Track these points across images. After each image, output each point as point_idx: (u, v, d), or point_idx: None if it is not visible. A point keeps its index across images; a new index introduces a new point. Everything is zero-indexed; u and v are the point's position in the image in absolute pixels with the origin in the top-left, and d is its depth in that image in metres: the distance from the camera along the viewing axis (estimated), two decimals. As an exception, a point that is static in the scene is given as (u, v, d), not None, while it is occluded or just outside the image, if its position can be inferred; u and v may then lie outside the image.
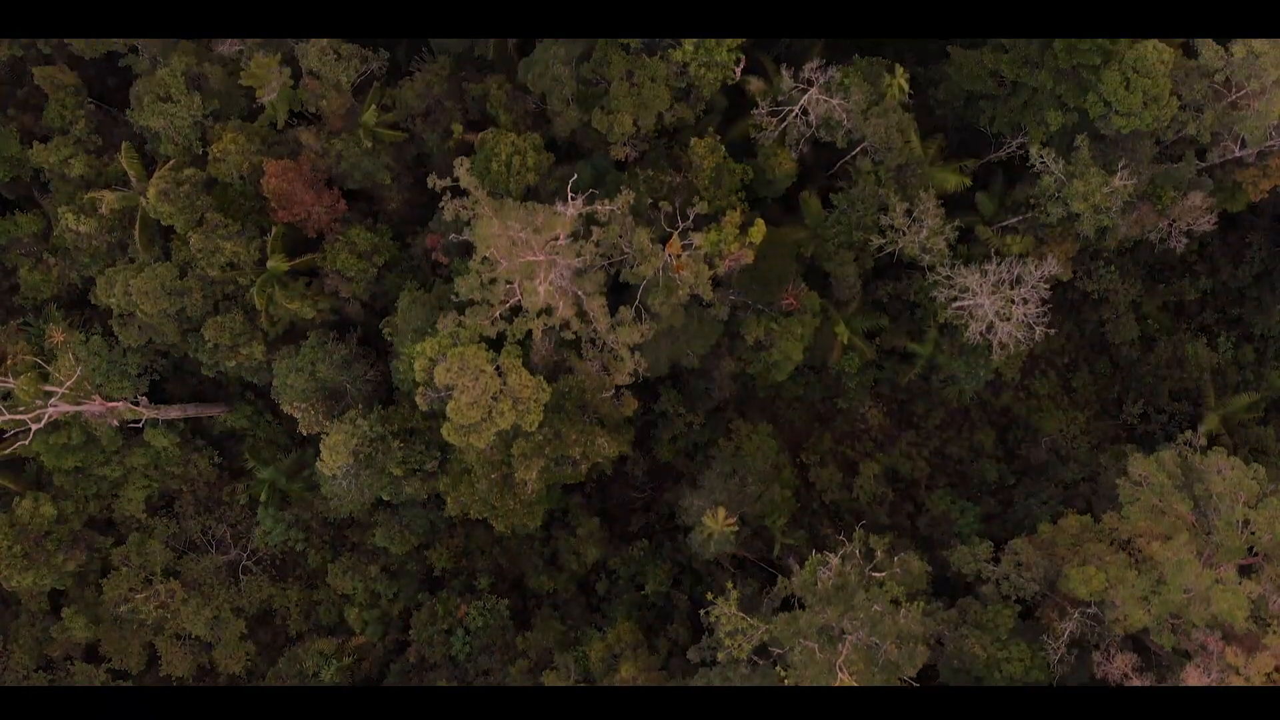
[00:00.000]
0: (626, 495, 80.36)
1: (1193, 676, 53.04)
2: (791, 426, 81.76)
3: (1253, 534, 53.71)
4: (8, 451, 65.14)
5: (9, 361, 64.68)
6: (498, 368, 54.86)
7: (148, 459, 76.60)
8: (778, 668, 57.65)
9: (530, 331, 59.22)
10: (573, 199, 54.84)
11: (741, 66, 64.74)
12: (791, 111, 63.83)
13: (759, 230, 63.90)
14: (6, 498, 75.33)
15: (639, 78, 63.57)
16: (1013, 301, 64.84)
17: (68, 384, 61.43)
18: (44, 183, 73.76)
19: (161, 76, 66.40)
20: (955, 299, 66.04)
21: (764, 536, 76.08)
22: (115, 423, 67.15)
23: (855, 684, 53.59)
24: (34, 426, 60.32)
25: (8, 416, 59.61)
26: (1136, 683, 55.91)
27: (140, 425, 70.20)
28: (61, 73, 71.12)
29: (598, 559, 76.83)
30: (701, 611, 61.93)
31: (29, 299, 75.30)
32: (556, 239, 53.02)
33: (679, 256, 56.88)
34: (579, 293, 58.45)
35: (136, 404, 67.82)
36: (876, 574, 58.35)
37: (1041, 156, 63.31)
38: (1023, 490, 77.21)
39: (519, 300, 57.21)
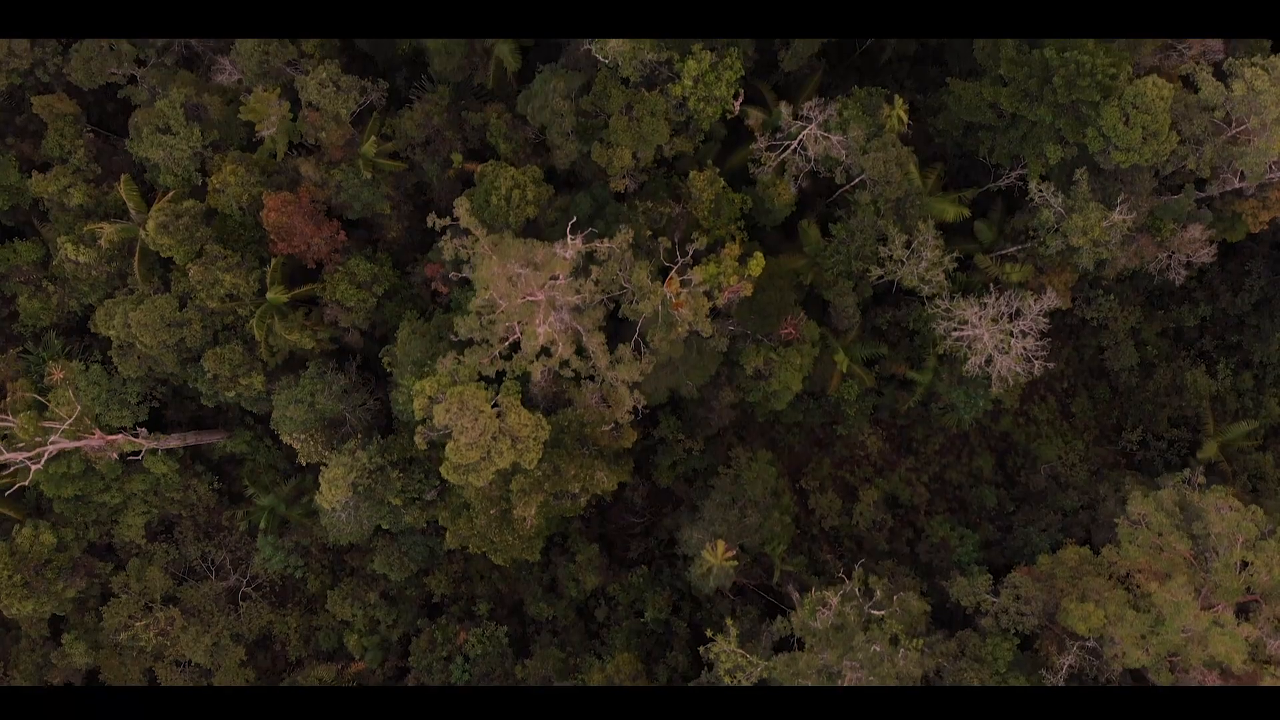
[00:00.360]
0: (626, 520, 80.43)
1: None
2: (791, 451, 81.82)
3: (1251, 575, 53.76)
4: (8, 493, 65.21)
5: (8, 399, 64.67)
6: (496, 406, 54.89)
7: (147, 485, 76.63)
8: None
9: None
10: (572, 238, 54.71)
11: (740, 100, 64.67)
12: (790, 147, 63.76)
13: (757, 263, 63.86)
14: (6, 525, 75.39)
15: (638, 111, 63.56)
16: (1011, 335, 64.92)
17: (68, 422, 61.38)
18: (43, 211, 73.71)
19: (160, 108, 66.35)
20: (954, 330, 66.08)
21: (763, 563, 76.16)
22: (115, 455, 67.18)
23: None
24: (33, 466, 60.26)
25: (7, 455, 59.56)
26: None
27: (140, 455, 70.22)
28: (60, 101, 70.99)
29: (597, 585, 76.84)
30: (701, 648, 61.97)
31: (28, 326, 75.32)
32: (556, 279, 52.95)
33: (678, 294, 56.84)
34: (578, 328, 58.43)
35: (136, 435, 67.85)
36: (876, 612, 58.35)
37: (1040, 190, 63.33)
38: (1022, 517, 77.24)
39: (518, 337, 57.18)
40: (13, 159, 72.41)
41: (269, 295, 67.09)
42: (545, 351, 54.88)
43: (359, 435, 69.44)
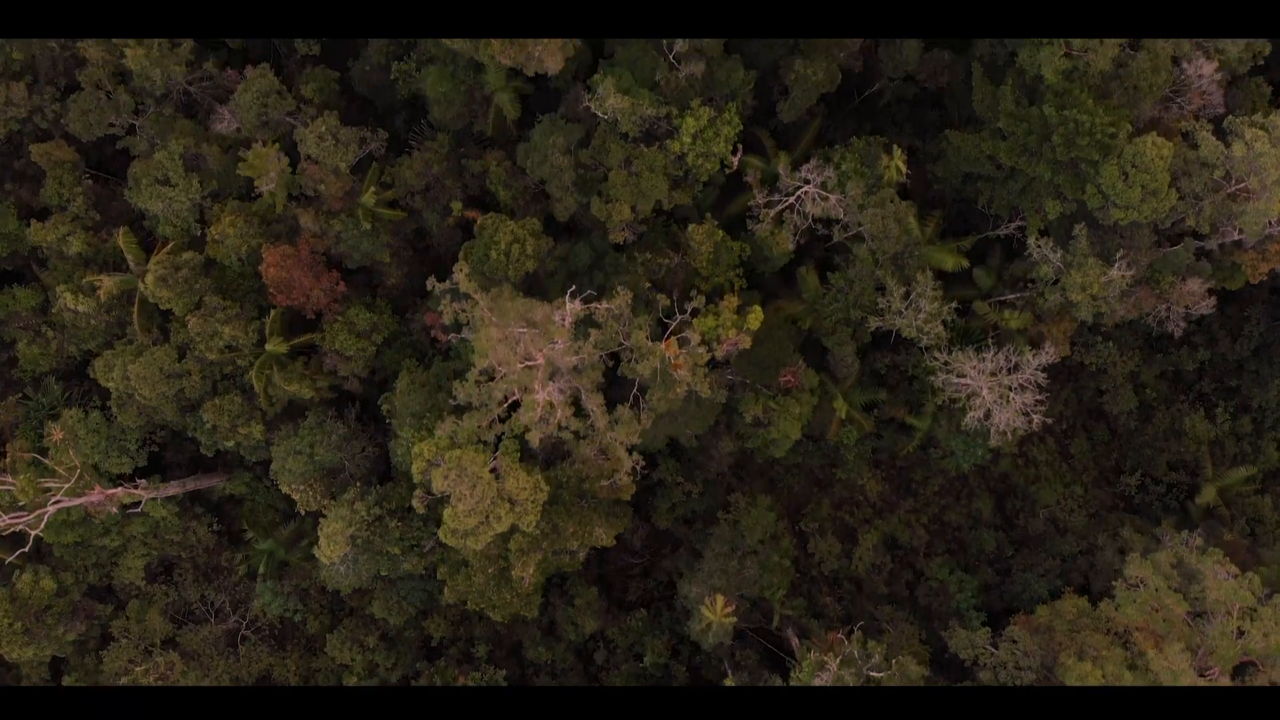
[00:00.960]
0: (625, 561, 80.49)
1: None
2: (790, 492, 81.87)
3: (1248, 641, 53.80)
4: (12, 556, 65.48)
5: (8, 458, 64.76)
6: (495, 469, 54.95)
7: (146, 528, 76.69)
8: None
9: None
10: (570, 302, 54.73)
11: (739, 155, 64.65)
12: (788, 203, 63.79)
13: (756, 317, 63.79)
14: (6, 570, 75.48)
15: (637, 167, 63.55)
16: (1010, 389, 64.85)
17: (68, 484, 61.51)
18: (42, 258, 73.71)
19: (159, 159, 66.33)
20: (952, 382, 66.07)
21: (763, 607, 76.18)
22: (115, 509, 67.31)
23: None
24: (33, 532, 60.38)
25: (8, 521, 59.67)
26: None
27: (139, 506, 70.35)
28: (59, 149, 70.90)
29: (596, 629, 76.96)
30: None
31: (27, 371, 75.34)
32: (555, 344, 52.99)
33: (677, 356, 56.89)
34: (577, 386, 58.47)
35: (135, 485, 67.96)
36: (875, 674, 58.47)
37: (1039, 246, 63.31)
38: (1021, 561, 77.32)
39: (518, 397, 57.22)
40: (11, 206, 72.40)
41: (268, 346, 67.12)
42: (544, 419, 54.90)
43: (358, 484, 69.53)
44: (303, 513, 69.56)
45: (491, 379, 54.27)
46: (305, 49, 67.52)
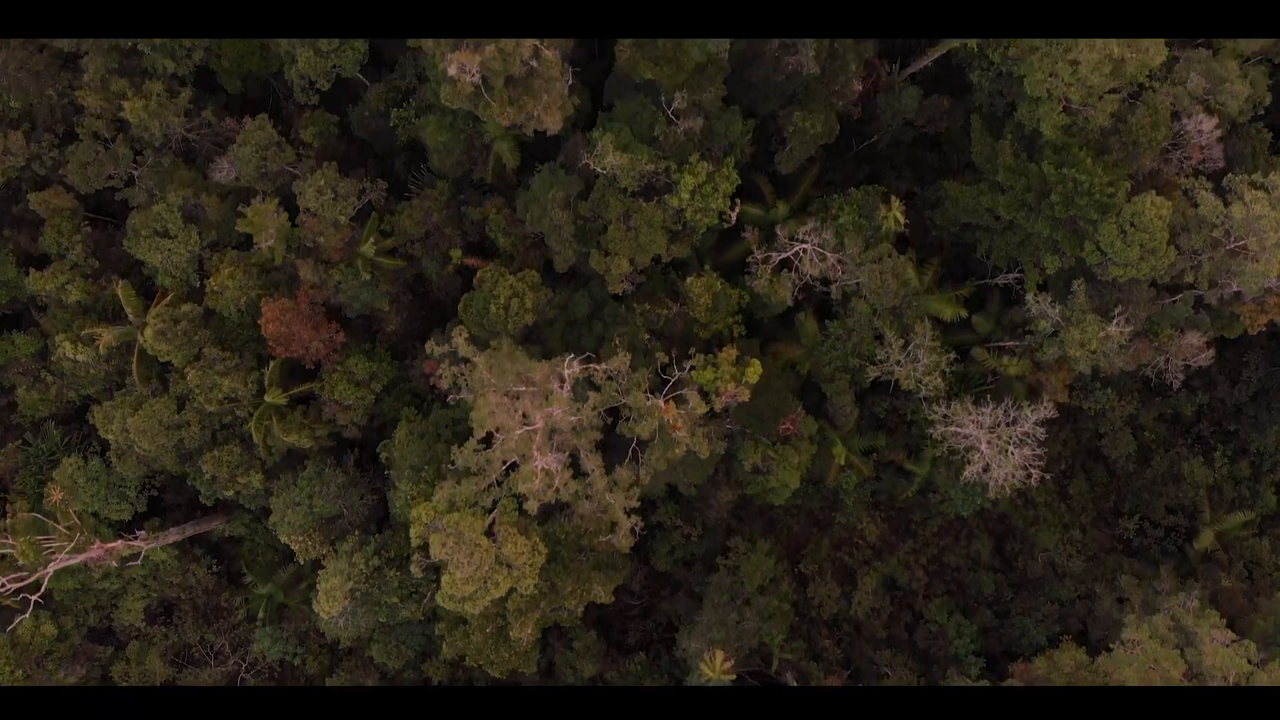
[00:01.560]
0: (624, 603, 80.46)
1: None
2: (790, 532, 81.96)
3: (1246, 707, 53.89)
4: (12, 625, 65.64)
5: (8, 519, 64.86)
6: (492, 533, 55.01)
7: (146, 570, 76.78)
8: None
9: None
10: (568, 366, 54.78)
11: (737, 210, 64.62)
12: (786, 258, 63.84)
13: (755, 370, 63.80)
14: (6, 614, 75.55)
15: (636, 221, 63.52)
16: (1009, 443, 64.81)
17: (70, 544, 61.61)
18: (42, 305, 73.71)
19: (158, 211, 66.30)
20: (951, 433, 66.10)
21: (762, 651, 76.32)
22: (115, 563, 67.42)
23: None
24: (32, 598, 60.51)
25: (9, 587, 59.77)
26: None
27: (139, 557, 70.49)
28: (57, 196, 70.87)
29: (595, 673, 77.05)
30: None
31: (27, 416, 75.42)
32: (553, 413, 53.05)
33: (675, 418, 56.94)
34: (576, 445, 58.51)
35: (135, 537, 68.05)
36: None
37: (1038, 301, 63.32)
38: (1019, 605, 77.46)
39: (516, 460, 57.27)
40: (10, 254, 72.39)
41: (267, 397, 67.17)
42: (543, 485, 54.94)
43: (357, 532, 69.65)
44: (302, 562, 69.67)
45: (490, 445, 54.28)
46: (304, 98, 67.37)
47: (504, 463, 54.65)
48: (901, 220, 66.21)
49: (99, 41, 66.90)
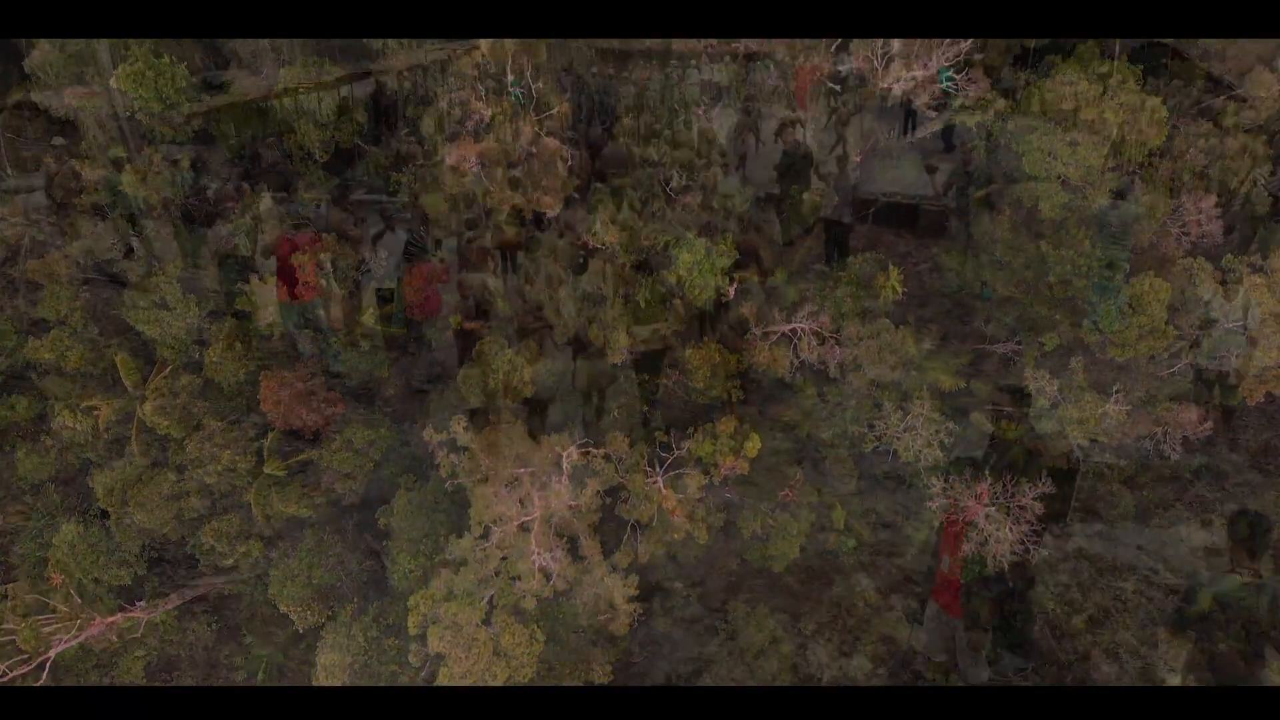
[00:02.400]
0: (619, 664, 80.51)
1: None
2: (789, 590, 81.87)
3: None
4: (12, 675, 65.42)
5: (9, 601, 64.87)
6: (489, 622, 55.08)
7: (146, 629, 76.81)
8: None
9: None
10: (565, 451, 54.85)
11: (735, 286, 64.70)
12: (784, 334, 63.91)
13: (754, 445, 63.96)
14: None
15: (634, 296, 63.62)
16: (1008, 511, 64.93)
17: (72, 629, 61.68)
18: (42, 370, 73.72)
19: (156, 283, 66.36)
20: (948, 509, 66.17)
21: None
22: (115, 637, 67.46)
23: None
24: (35, 683, 60.59)
25: (11, 675, 59.81)
26: None
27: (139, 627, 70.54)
28: (56, 263, 70.92)
29: (594, 734, 77.07)
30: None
31: (26, 479, 75.41)
32: (550, 505, 53.14)
33: (674, 505, 57.02)
34: (574, 524, 58.62)
35: (134, 608, 68.08)
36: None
37: (1035, 378, 63.35)
38: (1020, 678, 77.32)
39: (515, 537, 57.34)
40: (9, 321, 72.42)
41: (266, 468, 67.22)
42: (542, 577, 55.04)
43: (355, 600, 69.71)
44: (301, 630, 69.74)
45: (488, 536, 54.39)
46: (303, 168, 67.55)
47: (502, 555, 54.72)
48: (899, 289, 66.26)
49: (95, 111, 66.95)
